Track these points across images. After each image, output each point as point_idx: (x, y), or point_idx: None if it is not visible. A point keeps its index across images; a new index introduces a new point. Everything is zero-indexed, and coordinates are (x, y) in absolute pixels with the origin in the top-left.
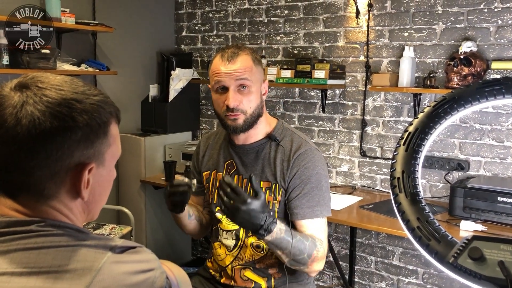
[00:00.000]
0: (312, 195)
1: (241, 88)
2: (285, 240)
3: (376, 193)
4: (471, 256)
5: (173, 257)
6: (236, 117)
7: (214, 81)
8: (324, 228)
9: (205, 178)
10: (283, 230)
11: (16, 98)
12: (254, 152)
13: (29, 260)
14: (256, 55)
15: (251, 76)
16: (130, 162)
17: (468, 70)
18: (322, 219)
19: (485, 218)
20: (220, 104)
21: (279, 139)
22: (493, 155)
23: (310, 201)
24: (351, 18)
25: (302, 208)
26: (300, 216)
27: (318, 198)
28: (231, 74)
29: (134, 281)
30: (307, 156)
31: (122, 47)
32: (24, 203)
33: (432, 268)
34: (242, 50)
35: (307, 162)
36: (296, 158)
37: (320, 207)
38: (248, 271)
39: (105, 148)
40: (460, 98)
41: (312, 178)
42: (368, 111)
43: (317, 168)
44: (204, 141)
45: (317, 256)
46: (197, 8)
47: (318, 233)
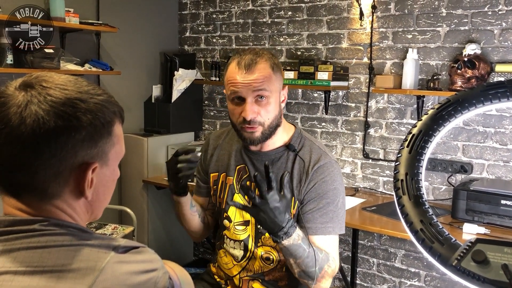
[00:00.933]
0: (327, 211)
1: (258, 99)
2: (301, 247)
3: (378, 195)
4: (475, 259)
5: (174, 258)
6: (253, 130)
7: (230, 91)
8: (335, 245)
9: (213, 180)
10: (300, 237)
11: (20, 97)
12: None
13: (33, 259)
14: (275, 61)
15: (269, 86)
16: (132, 162)
17: (472, 73)
18: (334, 236)
19: (488, 221)
20: (236, 115)
21: (297, 149)
22: (496, 158)
23: (324, 216)
24: (354, 19)
25: (315, 223)
26: (312, 231)
27: (332, 215)
28: (248, 84)
29: (137, 281)
30: (326, 170)
31: (126, 47)
32: (27, 202)
33: (434, 270)
34: (260, 57)
35: (326, 176)
36: (315, 171)
37: (333, 223)
38: (257, 283)
39: (109, 147)
40: (464, 100)
41: (329, 193)
42: (371, 113)
43: (335, 183)
44: (214, 140)
45: (327, 271)
46: (201, 9)
47: (329, 250)
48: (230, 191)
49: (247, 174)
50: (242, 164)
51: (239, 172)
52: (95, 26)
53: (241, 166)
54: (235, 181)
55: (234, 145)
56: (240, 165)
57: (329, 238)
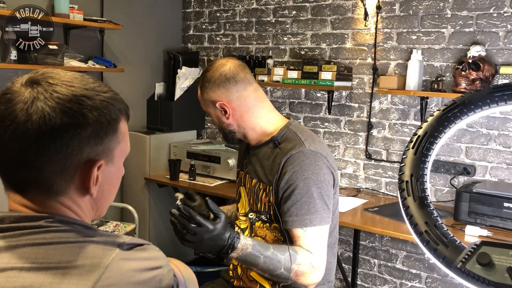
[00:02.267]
0: (301, 202)
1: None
2: (252, 255)
3: (380, 196)
4: (480, 262)
5: (175, 255)
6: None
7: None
8: (316, 238)
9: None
10: (249, 245)
11: (26, 94)
12: (259, 154)
13: (38, 256)
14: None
15: (205, 106)
16: (135, 159)
17: (476, 75)
18: (315, 227)
19: (490, 223)
20: None
21: (279, 141)
22: (499, 160)
23: (300, 209)
24: (359, 20)
25: (291, 216)
26: (289, 224)
27: (308, 206)
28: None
29: (141, 279)
30: (297, 159)
31: (129, 44)
32: (33, 199)
33: (436, 272)
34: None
35: (295, 165)
36: (286, 160)
37: (310, 215)
38: (254, 272)
39: (114, 145)
40: (470, 102)
41: (299, 184)
42: (374, 114)
43: (306, 173)
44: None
45: (299, 269)
46: (205, 7)
47: (308, 243)
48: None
49: (247, 168)
50: (246, 159)
51: (246, 166)
52: (99, 23)
53: (246, 161)
54: (243, 175)
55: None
56: (245, 160)
57: (308, 231)
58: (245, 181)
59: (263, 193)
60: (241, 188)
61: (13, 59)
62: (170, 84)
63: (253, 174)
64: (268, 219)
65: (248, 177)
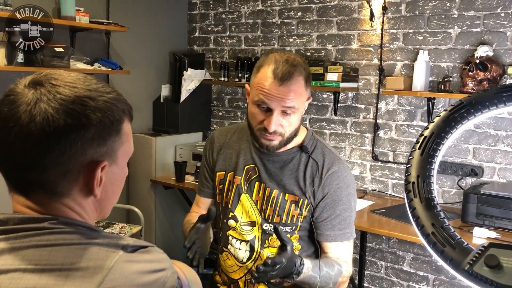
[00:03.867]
0: (344, 217)
1: (285, 111)
2: (313, 277)
3: (387, 197)
4: (488, 264)
5: (182, 258)
6: (273, 139)
7: (257, 97)
8: (351, 249)
9: (219, 179)
10: (310, 268)
11: (30, 95)
12: (281, 162)
13: (41, 257)
14: (308, 72)
15: (299, 102)
16: (141, 161)
17: (484, 75)
18: (351, 241)
19: (498, 225)
20: (257, 120)
21: (310, 150)
22: (507, 161)
23: (342, 223)
24: (365, 20)
25: (334, 230)
26: (331, 238)
27: (349, 220)
28: (280, 99)
29: (145, 281)
30: (341, 175)
31: (135, 46)
32: (37, 200)
33: (443, 274)
34: (296, 69)
35: (340, 181)
36: (329, 176)
37: (350, 229)
38: (262, 285)
39: (118, 146)
40: (477, 102)
41: (344, 200)
42: (380, 115)
43: (349, 189)
44: (220, 138)
45: (342, 281)
46: (210, 9)
47: (345, 255)
48: (237, 191)
49: (257, 175)
50: (252, 164)
51: (248, 172)
52: (105, 25)
53: (250, 166)
54: (242, 181)
55: (243, 144)
56: (249, 165)
57: (346, 244)
58: (252, 189)
59: (292, 205)
60: (243, 196)
61: (19, 62)
62: (176, 86)
63: (272, 184)
64: (293, 229)
65: (258, 185)
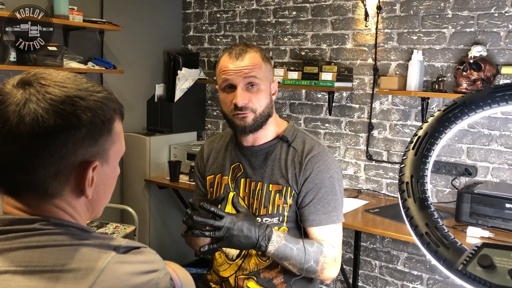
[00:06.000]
0: (328, 200)
1: (249, 87)
2: (288, 247)
3: (381, 197)
4: (481, 264)
5: (176, 257)
6: (245, 115)
7: (221, 80)
8: (339, 234)
9: (209, 183)
10: (282, 237)
11: (19, 95)
12: (263, 154)
13: (32, 259)
14: (265, 53)
15: (260, 73)
16: (135, 161)
17: (478, 75)
18: (337, 225)
19: (492, 224)
20: (227, 103)
21: (290, 140)
22: (501, 161)
23: (326, 206)
24: (359, 20)
25: (318, 214)
26: (316, 222)
27: (334, 203)
28: (239, 71)
29: (137, 282)
30: (321, 158)
31: (129, 46)
32: (27, 201)
33: (437, 274)
34: (250, 48)
35: (320, 164)
36: (309, 160)
37: (337, 212)
38: (252, 282)
39: (109, 145)
40: (471, 102)
41: (326, 182)
42: (375, 115)
43: (330, 171)
44: (208, 144)
45: (325, 262)
46: (205, 8)
47: (332, 239)
48: (225, 190)
49: (242, 171)
50: (237, 162)
51: (234, 170)
52: (99, 24)
53: (235, 164)
54: (229, 180)
55: (229, 145)
56: (235, 163)
57: (332, 228)
58: (239, 186)
59: (276, 194)
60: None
61: (12, 61)
62: (170, 86)
63: (257, 177)
64: (281, 221)
65: (244, 181)
